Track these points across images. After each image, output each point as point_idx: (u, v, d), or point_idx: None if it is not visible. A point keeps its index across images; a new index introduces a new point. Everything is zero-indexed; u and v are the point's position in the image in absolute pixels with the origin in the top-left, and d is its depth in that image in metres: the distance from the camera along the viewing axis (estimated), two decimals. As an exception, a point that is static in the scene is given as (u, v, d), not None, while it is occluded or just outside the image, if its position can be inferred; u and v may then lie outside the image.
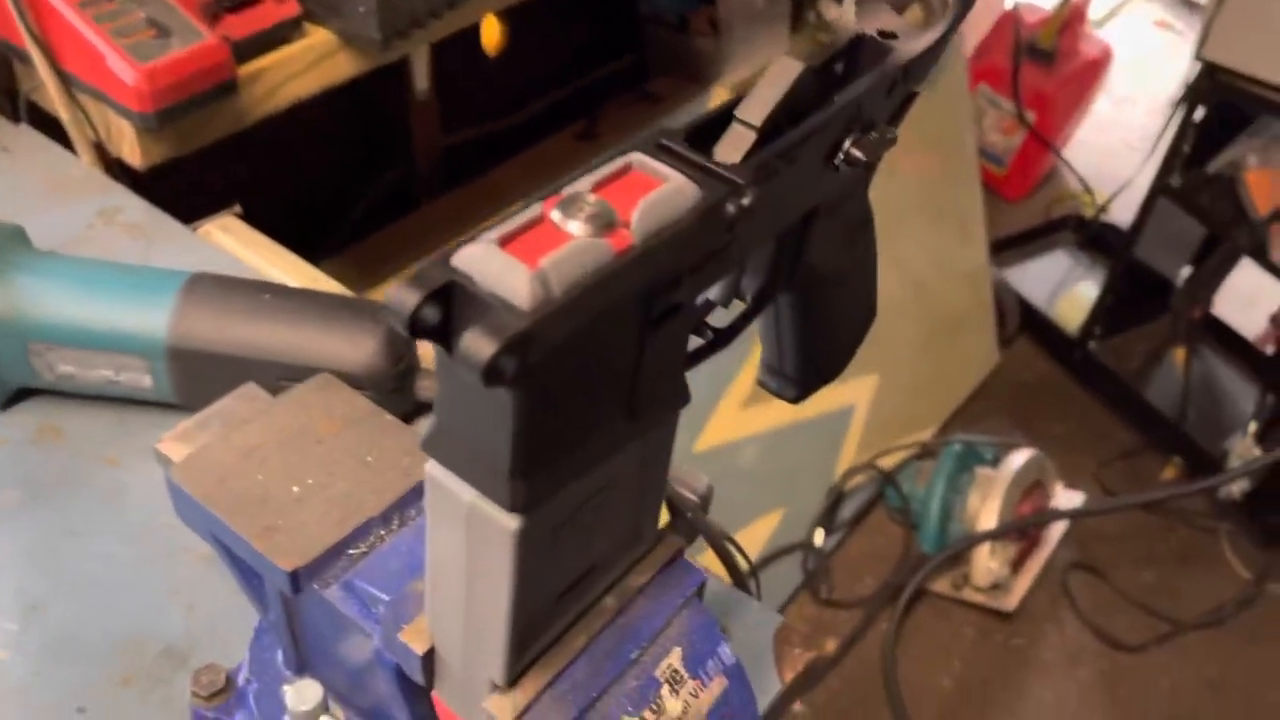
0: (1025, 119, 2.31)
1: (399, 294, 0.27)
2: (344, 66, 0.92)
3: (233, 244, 0.78)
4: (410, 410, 0.66)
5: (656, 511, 0.41)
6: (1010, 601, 1.76)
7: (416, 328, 0.27)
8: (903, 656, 1.70)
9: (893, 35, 0.39)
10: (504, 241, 0.29)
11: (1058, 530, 1.85)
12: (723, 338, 0.40)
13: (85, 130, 0.82)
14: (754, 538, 1.68)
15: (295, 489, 0.47)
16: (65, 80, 0.80)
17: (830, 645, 1.72)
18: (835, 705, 1.65)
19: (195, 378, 0.62)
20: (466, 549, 0.34)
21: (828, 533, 1.80)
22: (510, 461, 0.30)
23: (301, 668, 0.50)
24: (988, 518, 1.70)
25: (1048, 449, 1.82)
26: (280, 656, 0.51)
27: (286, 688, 0.48)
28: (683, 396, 0.36)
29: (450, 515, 0.33)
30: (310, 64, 0.87)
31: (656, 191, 0.31)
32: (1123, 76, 2.72)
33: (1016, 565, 1.78)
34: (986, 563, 1.71)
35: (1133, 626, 1.80)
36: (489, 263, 0.28)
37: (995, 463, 1.78)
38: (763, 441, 1.63)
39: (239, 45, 0.82)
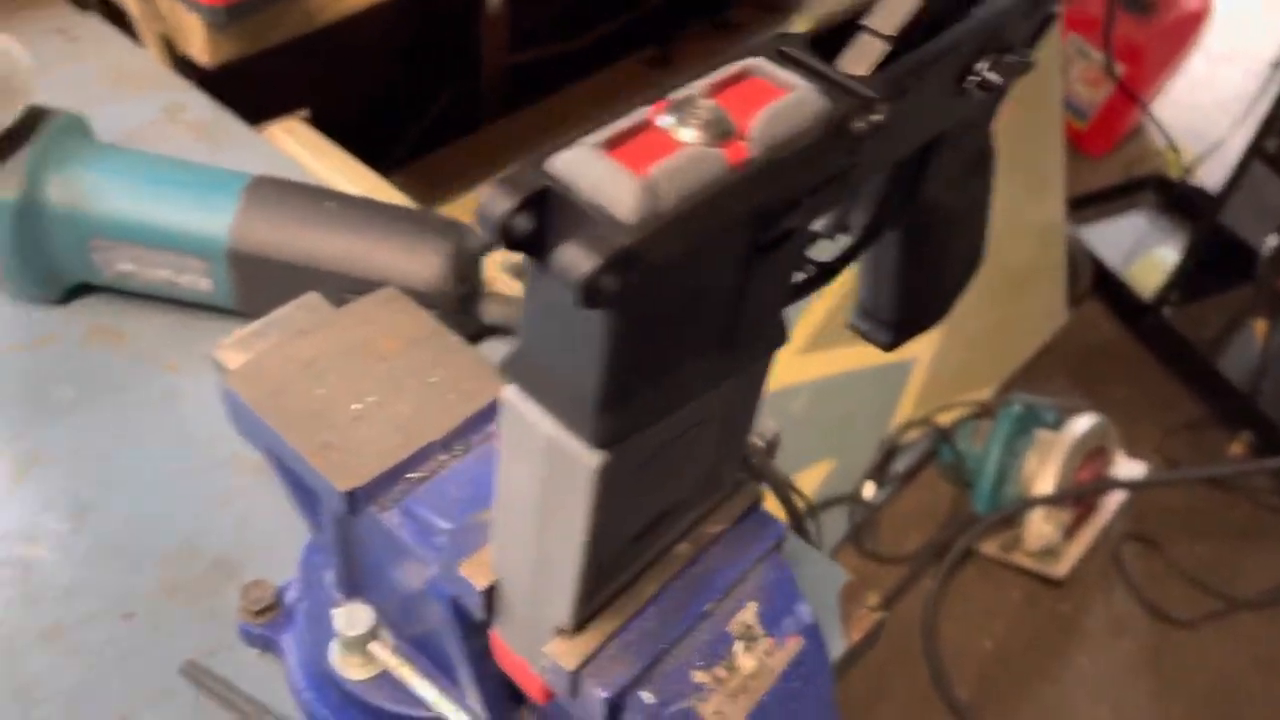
0: (1114, 71, 2.21)
1: (490, 198, 0.24)
2: (419, -28, 0.88)
3: (298, 148, 0.76)
4: (472, 334, 0.64)
5: (739, 457, 0.38)
6: (1061, 568, 1.72)
7: (508, 237, 0.25)
8: (945, 616, 1.68)
9: (1039, -53, 0.35)
10: (607, 146, 0.25)
11: (1116, 499, 1.80)
12: (825, 273, 0.37)
13: (154, 23, 0.79)
14: (802, 486, 1.65)
15: (355, 406, 0.45)
16: (135, -30, 0.77)
17: (872, 599, 1.69)
18: (873, 660, 1.61)
19: (255, 283, 0.60)
20: (542, 484, 0.31)
21: (878, 486, 1.77)
22: (599, 392, 0.27)
23: (353, 590, 0.48)
24: (1045, 482, 1.66)
25: (1111, 415, 1.77)
26: (331, 577, 0.49)
27: (336, 611, 0.46)
28: (781, 335, 0.33)
29: (527, 447, 0.31)
30: (385, -34, 0.84)
31: (781, 100, 0.27)
32: (1221, 33, 2.58)
33: (1070, 532, 1.74)
34: (1040, 527, 1.67)
35: (1184, 601, 1.76)
36: (591, 169, 0.25)
37: (1057, 426, 1.73)
38: (818, 389, 1.60)
39: (313, -58, 0.79)
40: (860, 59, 0.30)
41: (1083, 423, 1.70)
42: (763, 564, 0.39)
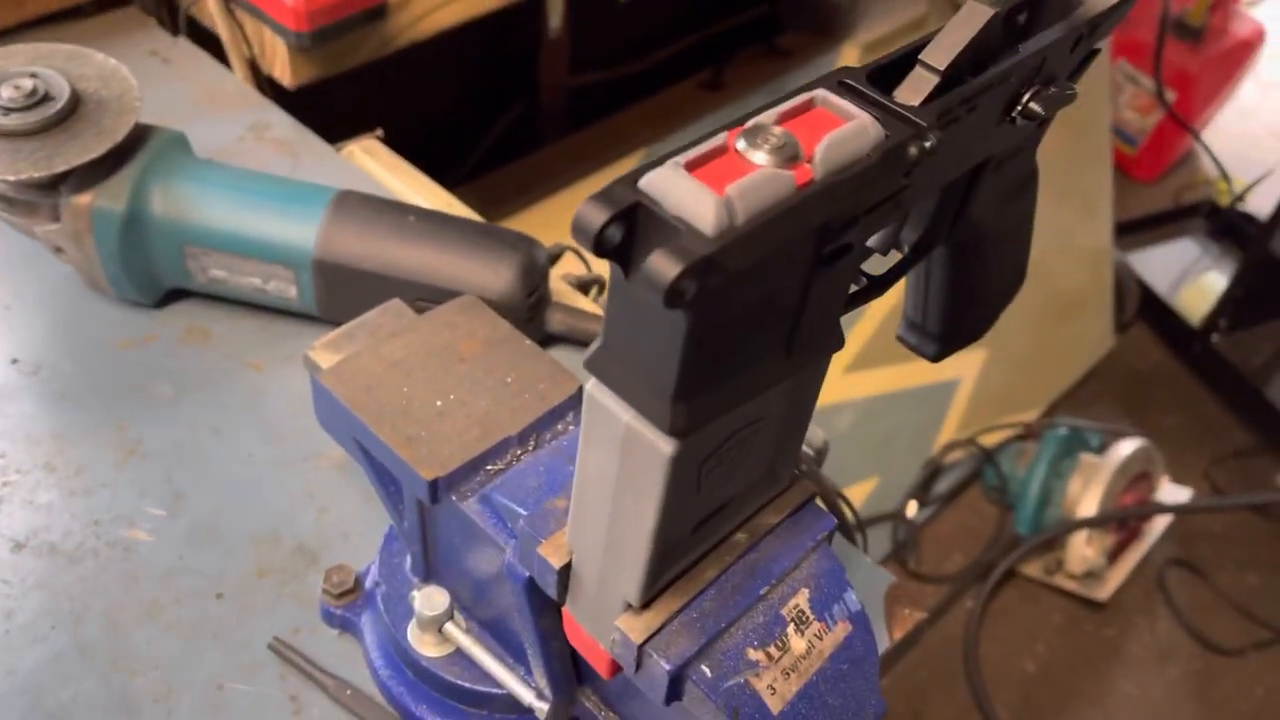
0: (1164, 98, 2.21)
1: (587, 211, 0.28)
2: (488, 0, 0.93)
3: (374, 166, 0.80)
4: (538, 341, 0.67)
5: (795, 454, 0.41)
6: (1103, 592, 1.72)
7: (601, 246, 0.28)
8: (986, 636, 1.68)
9: (1082, -12, 0.38)
10: (690, 167, 0.29)
11: (1160, 524, 1.80)
12: (877, 285, 0.40)
13: (241, 47, 0.84)
14: (846, 503, 1.67)
15: (438, 403, 0.48)
16: (226, -3, 0.82)
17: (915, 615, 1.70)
18: (914, 678, 1.64)
19: (338, 291, 0.64)
20: (618, 469, 0.35)
21: (921, 505, 1.78)
22: (675, 385, 0.31)
23: (429, 575, 0.52)
24: (1088, 505, 1.67)
25: (1157, 441, 1.77)
26: (409, 563, 0.53)
27: (415, 593, 0.50)
28: (837, 340, 0.36)
29: (606, 435, 0.34)
30: (458, -6, 0.88)
31: (842, 128, 0.30)
32: (1273, 60, 2.58)
33: (1114, 556, 1.74)
34: (1082, 550, 1.68)
35: (1230, 630, 1.75)
36: (676, 186, 0.28)
37: (1101, 450, 1.74)
38: (863, 407, 1.62)
39: (392, -29, 0.83)
40: (914, 90, 0.34)
41: (1127, 446, 1.70)
42: (814, 554, 0.42)
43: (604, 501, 0.36)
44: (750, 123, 0.31)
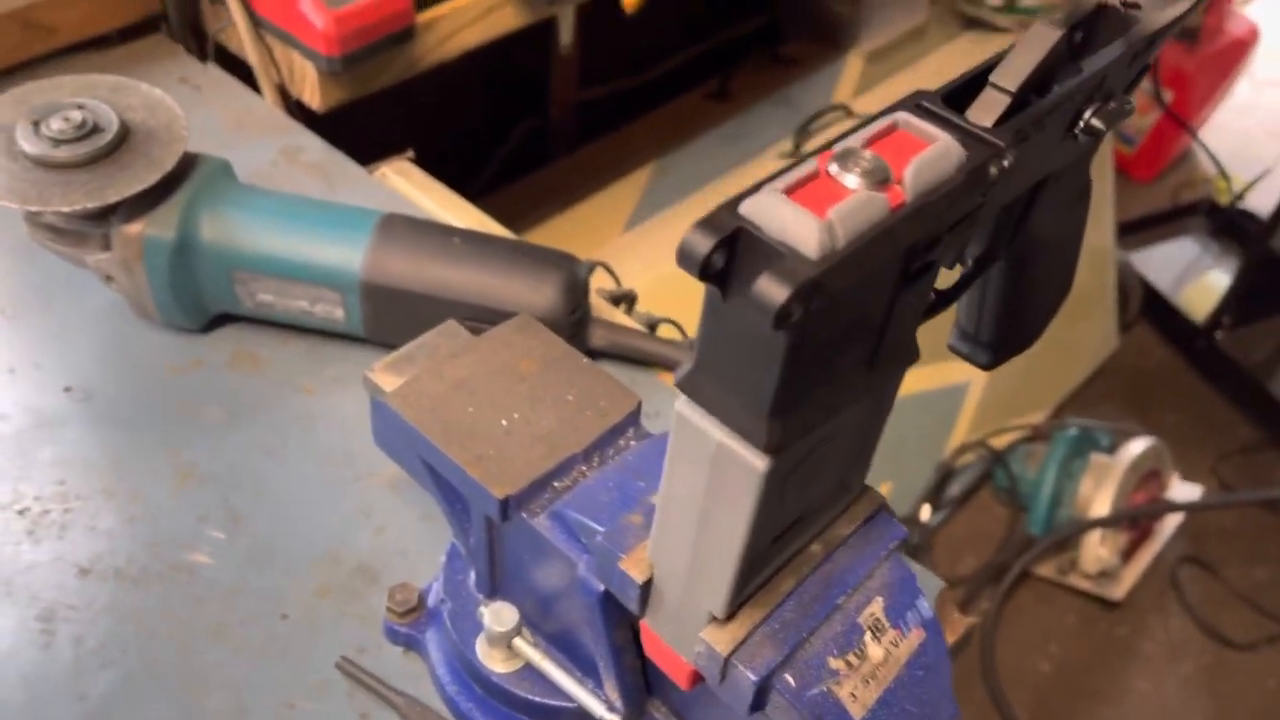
0: (1161, 98, 2.23)
1: (693, 238, 0.29)
2: (510, 19, 0.94)
3: (407, 187, 0.81)
4: (582, 357, 0.68)
5: (867, 465, 0.42)
6: (1117, 590, 1.73)
7: (706, 271, 0.29)
8: (1002, 638, 1.69)
9: (1136, 5, 0.39)
10: (788, 192, 0.30)
11: (1171, 522, 1.81)
12: (944, 299, 0.41)
13: (270, 72, 0.85)
14: (860, 508, 1.68)
15: (503, 422, 0.49)
16: (256, 23, 0.83)
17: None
18: (931, 679, 1.65)
19: (385, 313, 0.65)
20: (707, 487, 0.35)
21: (934, 509, 1.79)
22: (771, 403, 0.32)
23: (494, 591, 0.53)
24: (1100, 504, 1.68)
25: (1164, 439, 1.78)
26: (473, 580, 0.54)
27: (484, 609, 0.51)
28: (914, 353, 0.37)
29: (696, 453, 0.35)
30: (481, 14, 0.89)
31: (929, 150, 0.31)
32: (1268, 59, 2.60)
33: (1126, 555, 1.75)
34: (1096, 550, 1.69)
35: (1242, 624, 1.76)
36: (778, 211, 0.29)
37: (1111, 449, 1.75)
38: (875, 413, 1.63)
39: (420, -8, 0.85)
40: (987, 111, 0.35)
41: (1137, 445, 1.72)
42: (886, 563, 0.43)
43: (691, 518, 0.37)
44: (839, 147, 0.32)
